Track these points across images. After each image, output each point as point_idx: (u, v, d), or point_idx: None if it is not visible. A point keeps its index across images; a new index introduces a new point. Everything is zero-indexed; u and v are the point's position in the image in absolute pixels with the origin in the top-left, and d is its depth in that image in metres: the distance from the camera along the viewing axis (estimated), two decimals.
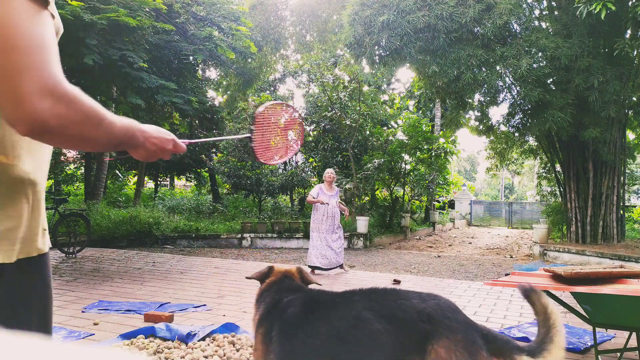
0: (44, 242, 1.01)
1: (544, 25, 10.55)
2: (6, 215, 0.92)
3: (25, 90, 0.79)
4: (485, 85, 9.76)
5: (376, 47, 9.96)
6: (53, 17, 0.90)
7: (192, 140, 1.43)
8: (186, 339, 3.47)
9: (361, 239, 12.29)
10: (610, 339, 3.98)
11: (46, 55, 0.83)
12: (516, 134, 11.90)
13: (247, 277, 2.13)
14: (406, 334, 1.55)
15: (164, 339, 3.53)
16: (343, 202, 8.02)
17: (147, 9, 7.39)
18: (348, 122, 15.00)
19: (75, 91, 0.87)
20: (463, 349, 1.48)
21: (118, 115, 1.00)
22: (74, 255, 8.13)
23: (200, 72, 15.25)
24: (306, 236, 11.82)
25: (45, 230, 1.03)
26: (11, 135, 0.91)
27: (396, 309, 1.60)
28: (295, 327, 1.70)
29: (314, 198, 7.69)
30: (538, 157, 14.48)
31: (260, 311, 1.88)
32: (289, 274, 2.06)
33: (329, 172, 7.87)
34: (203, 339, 3.53)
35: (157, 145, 1.12)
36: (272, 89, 20.44)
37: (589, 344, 3.75)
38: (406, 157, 15.34)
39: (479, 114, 12.99)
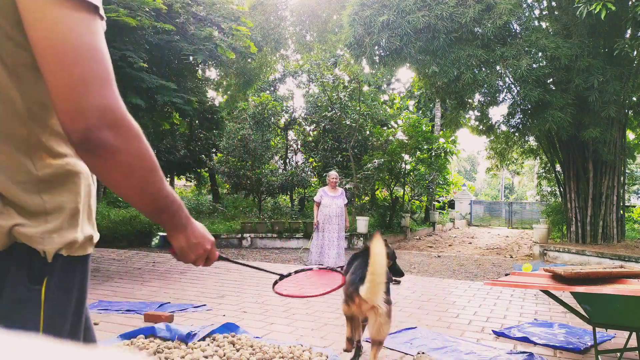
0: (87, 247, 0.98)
1: (544, 25, 10.55)
2: (66, 213, 0.91)
3: (87, 103, 0.78)
4: (485, 85, 9.77)
5: (376, 47, 9.96)
6: (102, 18, 0.86)
7: (225, 257, 1.28)
8: (186, 339, 3.47)
9: (361, 239, 12.29)
10: (610, 339, 3.98)
11: (106, 70, 0.82)
12: (516, 134, 11.90)
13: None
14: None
15: (164, 339, 3.53)
16: (347, 208, 8.12)
17: (147, 9, 7.39)
18: (348, 122, 15.00)
19: (134, 122, 0.85)
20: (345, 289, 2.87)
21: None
22: None
23: (200, 72, 15.26)
24: (306, 236, 11.82)
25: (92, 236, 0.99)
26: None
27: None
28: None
29: (316, 203, 7.94)
30: (538, 157, 14.48)
31: None
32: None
33: (332, 175, 7.99)
34: (203, 339, 3.53)
35: (199, 238, 1.04)
36: (272, 89, 20.44)
37: (589, 344, 3.75)
38: (406, 157, 15.34)
39: (479, 114, 12.99)
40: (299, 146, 18.45)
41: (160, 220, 0.97)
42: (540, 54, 9.36)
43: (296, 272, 1.51)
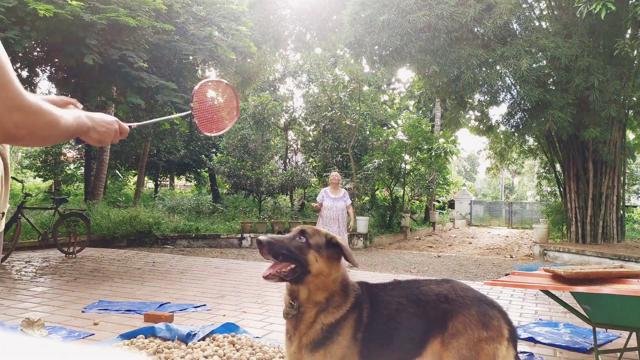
0: None
1: (544, 25, 10.54)
2: None
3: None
4: (486, 85, 9.76)
5: (376, 47, 9.95)
6: None
7: (135, 124, 1.62)
8: (186, 339, 3.47)
9: (361, 239, 12.29)
10: (616, 338, 3.97)
11: (7, 74, 0.96)
12: (516, 134, 11.90)
13: None
14: (431, 314, 1.84)
15: (164, 339, 3.53)
16: (351, 208, 8.14)
17: (147, 9, 7.39)
18: (348, 122, 15.00)
19: (37, 102, 1.02)
20: (477, 321, 1.80)
21: (68, 111, 1.17)
22: (74, 255, 8.13)
23: (200, 72, 15.27)
24: None
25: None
26: None
27: (420, 294, 1.89)
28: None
29: (318, 202, 7.93)
30: (538, 157, 14.48)
31: None
32: None
33: (333, 175, 7.99)
34: (203, 339, 3.52)
35: (105, 127, 1.32)
36: (272, 89, 20.44)
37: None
38: (406, 157, 15.34)
39: (479, 114, 12.99)
40: (299, 146, 18.46)
41: (73, 137, 1.23)
42: (540, 53, 9.36)
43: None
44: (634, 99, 10.23)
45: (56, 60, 8.08)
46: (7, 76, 0.96)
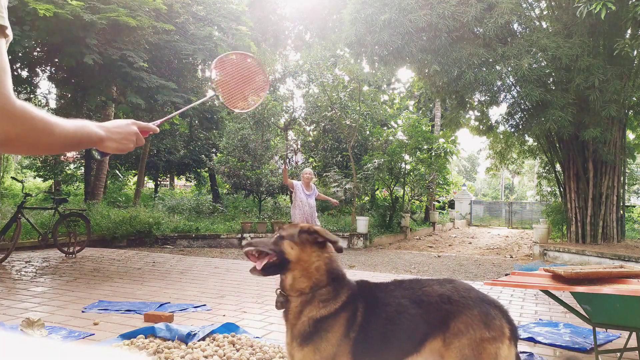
0: None
1: (544, 24, 10.55)
2: None
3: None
4: (486, 85, 9.76)
5: (377, 47, 9.95)
6: (7, 35, 0.96)
7: (159, 121, 1.56)
8: (186, 339, 3.47)
9: (361, 239, 12.29)
10: (616, 338, 3.97)
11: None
12: (516, 134, 11.89)
13: None
14: (432, 315, 1.87)
15: (164, 339, 3.53)
16: (322, 195, 8.07)
17: (147, 9, 7.38)
18: (348, 122, 14.99)
19: (25, 107, 0.95)
20: (479, 321, 1.82)
21: (72, 120, 1.09)
22: (74, 255, 8.13)
23: (200, 72, 15.28)
24: None
25: None
26: None
27: (422, 295, 1.91)
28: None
29: (291, 182, 7.57)
30: (538, 157, 14.48)
31: None
32: None
33: (307, 171, 7.73)
34: (203, 339, 3.52)
35: (121, 133, 1.24)
36: (272, 89, 20.43)
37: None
38: (406, 157, 15.34)
39: (479, 114, 12.98)
40: (299, 146, 18.46)
41: (83, 147, 1.16)
42: (540, 53, 9.36)
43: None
44: (634, 99, 10.22)
45: (56, 60, 8.08)
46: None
